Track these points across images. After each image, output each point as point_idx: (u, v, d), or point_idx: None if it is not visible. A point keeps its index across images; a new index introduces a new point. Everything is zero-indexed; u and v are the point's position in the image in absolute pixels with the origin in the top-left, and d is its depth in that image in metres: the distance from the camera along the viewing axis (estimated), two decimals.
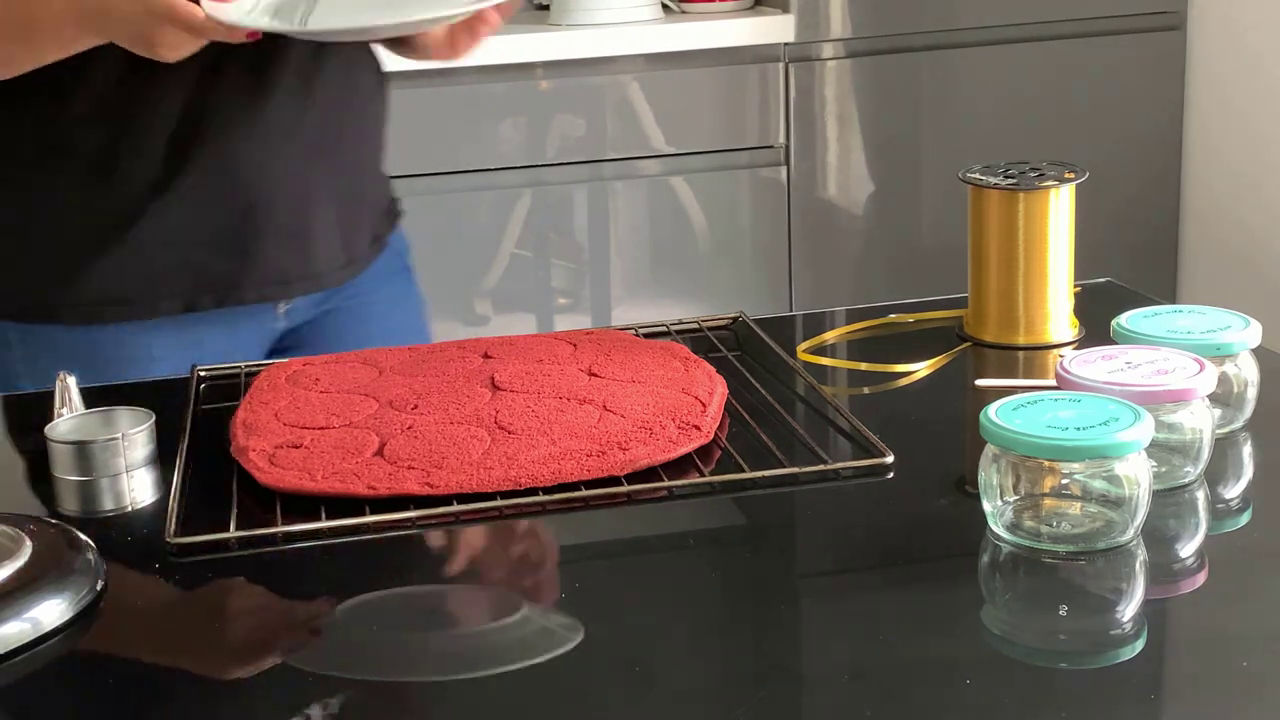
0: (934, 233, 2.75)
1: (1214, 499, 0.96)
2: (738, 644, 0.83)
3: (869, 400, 1.17)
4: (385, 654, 0.83)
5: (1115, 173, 2.73)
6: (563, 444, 1.01)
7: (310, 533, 0.94)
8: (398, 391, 1.12)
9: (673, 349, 1.19)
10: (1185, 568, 0.89)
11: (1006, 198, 1.22)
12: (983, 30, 2.69)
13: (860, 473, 1.00)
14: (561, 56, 2.54)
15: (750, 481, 0.99)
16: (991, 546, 0.90)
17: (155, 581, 0.91)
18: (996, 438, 0.88)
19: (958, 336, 1.27)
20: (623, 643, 0.83)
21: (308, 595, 0.91)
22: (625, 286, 2.69)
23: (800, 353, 1.24)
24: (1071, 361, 0.98)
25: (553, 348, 1.20)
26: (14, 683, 0.80)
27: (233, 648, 0.83)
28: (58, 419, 1.05)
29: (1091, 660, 0.79)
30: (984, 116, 2.72)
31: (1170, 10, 2.76)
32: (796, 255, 2.71)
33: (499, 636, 0.84)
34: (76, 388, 1.07)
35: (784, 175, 2.68)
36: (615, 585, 0.91)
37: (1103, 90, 2.75)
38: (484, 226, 2.61)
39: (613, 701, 0.77)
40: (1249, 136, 2.70)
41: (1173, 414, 0.95)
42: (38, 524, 0.91)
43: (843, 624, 0.85)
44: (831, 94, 2.68)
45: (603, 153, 2.62)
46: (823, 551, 0.94)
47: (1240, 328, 1.04)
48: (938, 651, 0.80)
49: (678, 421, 1.04)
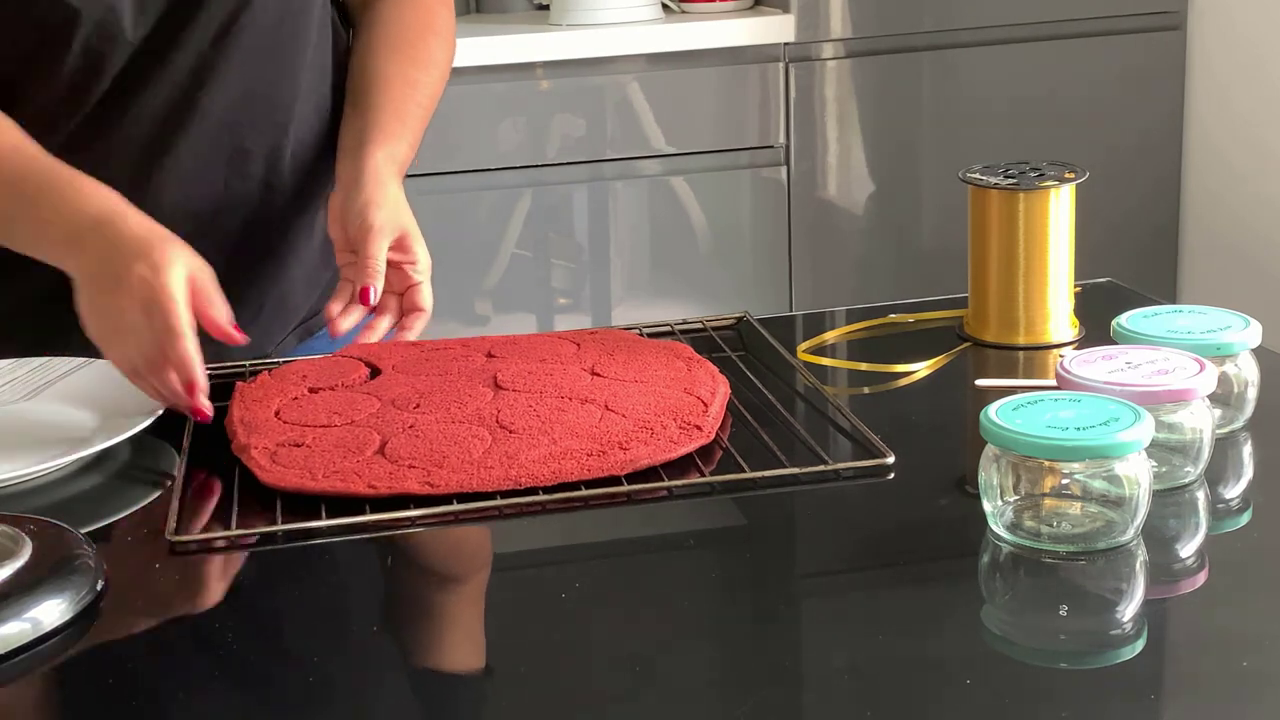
0: (934, 233, 2.75)
1: (1214, 499, 0.96)
2: (738, 644, 0.83)
3: (869, 400, 1.17)
4: (385, 653, 0.83)
5: (1115, 173, 2.73)
6: (563, 443, 1.01)
7: (310, 531, 0.94)
8: (400, 390, 1.12)
9: (676, 349, 1.19)
10: (1185, 568, 0.89)
11: (1006, 198, 1.22)
12: (983, 30, 2.69)
13: (860, 473, 1.00)
14: (561, 56, 2.54)
15: (750, 481, 0.99)
16: (991, 546, 0.90)
17: (155, 581, 0.91)
18: (997, 438, 0.88)
19: (958, 336, 1.27)
20: (623, 643, 0.83)
21: (308, 594, 0.91)
22: (625, 286, 2.69)
23: (800, 353, 1.24)
24: (1072, 361, 0.98)
25: (556, 347, 1.20)
26: (14, 683, 0.81)
27: (233, 647, 0.83)
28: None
29: (1091, 660, 0.79)
30: (984, 116, 2.72)
31: (1170, 10, 2.76)
32: (796, 255, 2.71)
33: (499, 636, 0.84)
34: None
35: (784, 175, 2.68)
36: (615, 585, 0.91)
37: (1103, 90, 2.75)
38: (484, 226, 2.61)
39: (613, 701, 0.77)
40: (1249, 136, 2.70)
41: (1173, 414, 0.95)
42: (38, 524, 0.91)
43: (843, 624, 0.85)
44: (831, 94, 2.68)
45: (603, 153, 2.61)
46: (823, 551, 0.94)
47: (1240, 328, 1.04)
48: (938, 651, 0.80)
49: (679, 421, 1.04)
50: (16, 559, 0.86)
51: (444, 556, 0.96)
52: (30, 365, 1.20)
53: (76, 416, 1.12)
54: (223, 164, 1.29)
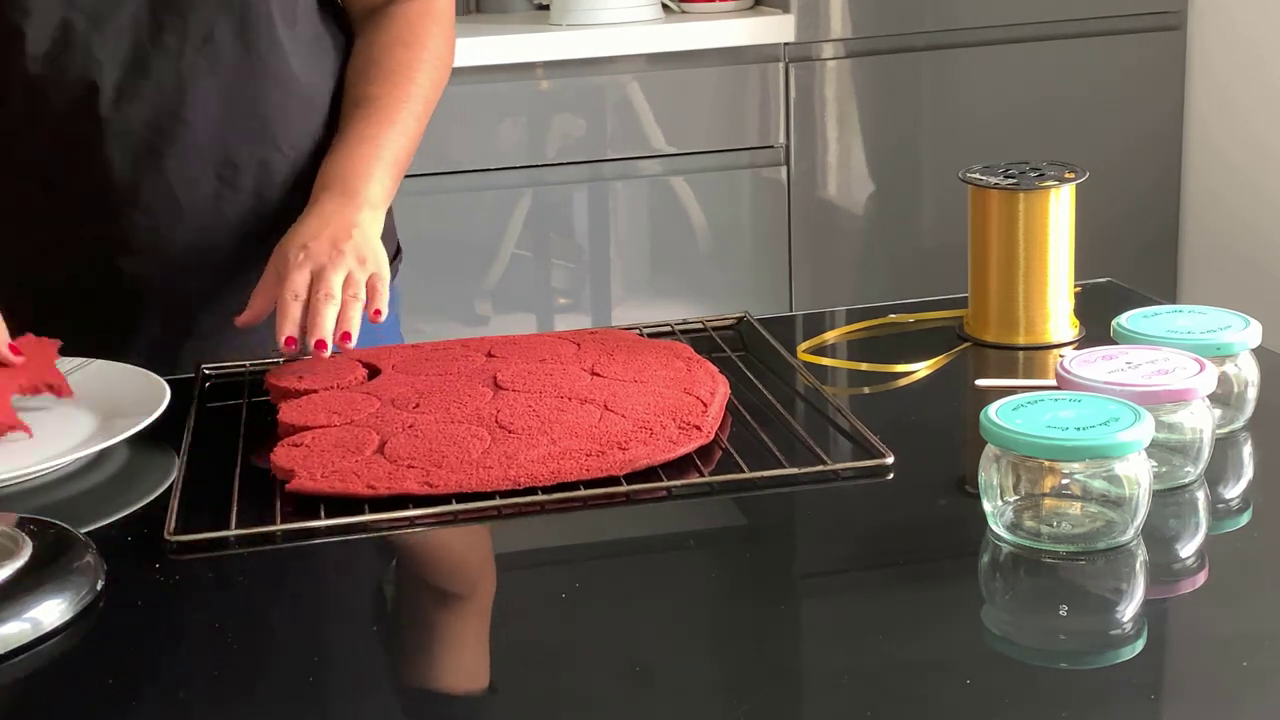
0: (934, 233, 2.75)
1: (1214, 499, 0.96)
2: (738, 644, 0.83)
3: (869, 400, 1.17)
4: (384, 653, 0.83)
5: (1115, 173, 2.73)
6: (562, 444, 1.01)
7: (309, 531, 0.94)
8: (400, 390, 1.12)
9: (676, 349, 1.19)
10: (1185, 568, 0.89)
11: (1006, 198, 1.22)
12: (983, 30, 2.69)
13: (860, 473, 1.00)
14: (561, 56, 2.54)
15: (750, 482, 0.99)
16: (991, 546, 0.90)
17: (155, 581, 0.91)
18: (997, 438, 0.88)
19: (958, 336, 1.27)
20: (623, 643, 0.83)
21: (308, 594, 0.91)
22: (625, 286, 2.69)
23: (800, 353, 1.24)
24: (1072, 361, 0.98)
25: (556, 347, 1.20)
26: (14, 683, 0.80)
27: (233, 647, 0.83)
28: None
29: (1091, 660, 0.79)
30: (984, 116, 2.72)
31: (1170, 10, 2.76)
32: (796, 255, 2.71)
33: (498, 635, 0.84)
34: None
35: (784, 175, 2.68)
36: (614, 586, 0.91)
37: (1103, 90, 2.75)
38: (484, 226, 2.61)
39: (613, 701, 0.77)
40: (1249, 136, 2.70)
41: (1173, 414, 0.95)
42: (38, 524, 0.91)
43: (843, 624, 0.85)
44: (831, 94, 2.68)
45: (603, 153, 2.61)
46: (823, 552, 0.94)
47: (1240, 328, 1.04)
48: (938, 651, 0.80)
49: (679, 421, 1.04)
50: (16, 559, 0.86)
51: (443, 557, 0.96)
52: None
53: (76, 416, 1.12)
54: (213, 177, 1.29)
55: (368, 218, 1.24)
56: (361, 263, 1.19)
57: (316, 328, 1.14)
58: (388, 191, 1.29)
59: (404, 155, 1.32)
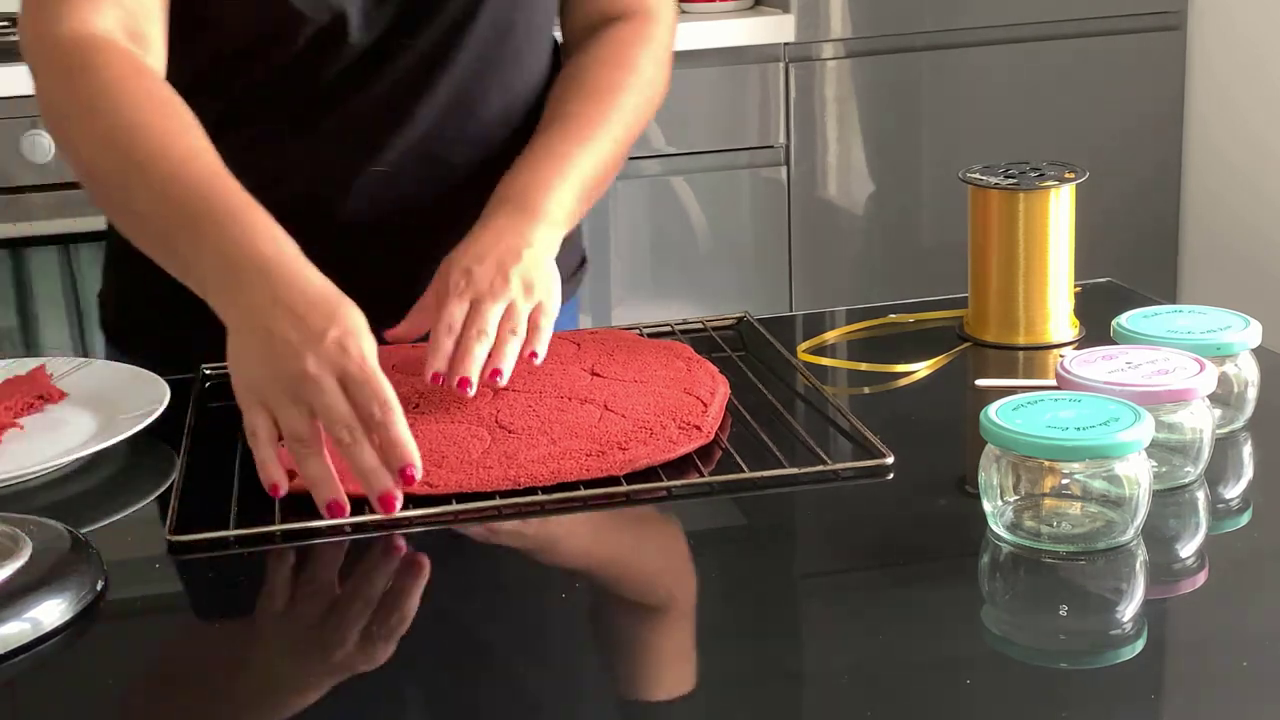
0: (934, 233, 2.75)
1: (1214, 499, 0.96)
2: (738, 644, 0.83)
3: (869, 400, 1.17)
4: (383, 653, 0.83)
5: (1115, 173, 2.73)
6: (562, 444, 1.01)
7: (309, 531, 0.94)
8: (400, 390, 1.11)
9: (676, 349, 1.19)
10: (1185, 568, 0.89)
11: (1006, 198, 1.22)
12: (983, 30, 2.69)
13: (860, 473, 1.00)
14: None
15: (750, 482, 0.99)
16: (991, 546, 0.90)
17: (155, 581, 0.91)
18: (996, 438, 0.88)
19: (958, 336, 1.27)
20: (622, 643, 0.83)
21: (306, 594, 0.91)
22: (625, 286, 2.69)
23: (800, 353, 1.24)
24: (1071, 361, 0.98)
25: (556, 347, 1.19)
26: (14, 683, 0.81)
27: (232, 647, 0.83)
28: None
29: (1091, 660, 0.79)
30: (984, 116, 2.72)
31: (1170, 10, 2.76)
32: (796, 255, 2.71)
33: (497, 636, 0.84)
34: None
35: (784, 175, 2.68)
36: (614, 586, 0.91)
37: (1103, 90, 2.75)
38: None
39: (613, 701, 0.77)
40: (1249, 136, 2.70)
41: (1173, 414, 0.95)
42: (38, 524, 0.91)
43: (843, 624, 0.85)
44: (831, 94, 2.68)
45: None
46: (823, 551, 0.94)
47: (1240, 328, 1.04)
48: (938, 651, 0.80)
49: (679, 422, 1.04)
50: (16, 559, 0.86)
51: (442, 557, 0.96)
52: (30, 365, 1.20)
53: (76, 416, 1.12)
54: (427, 174, 1.26)
55: (543, 235, 1.16)
56: (528, 291, 1.12)
57: (463, 366, 1.06)
58: (570, 212, 1.21)
59: (594, 176, 1.23)
